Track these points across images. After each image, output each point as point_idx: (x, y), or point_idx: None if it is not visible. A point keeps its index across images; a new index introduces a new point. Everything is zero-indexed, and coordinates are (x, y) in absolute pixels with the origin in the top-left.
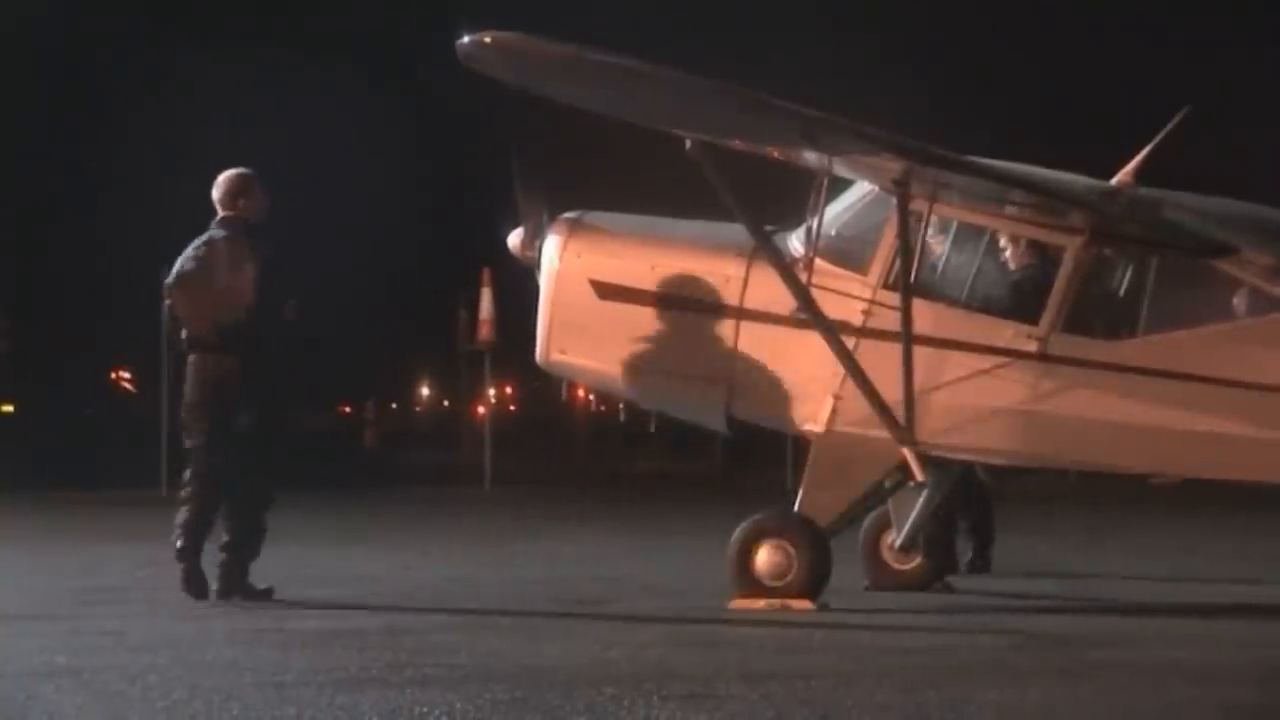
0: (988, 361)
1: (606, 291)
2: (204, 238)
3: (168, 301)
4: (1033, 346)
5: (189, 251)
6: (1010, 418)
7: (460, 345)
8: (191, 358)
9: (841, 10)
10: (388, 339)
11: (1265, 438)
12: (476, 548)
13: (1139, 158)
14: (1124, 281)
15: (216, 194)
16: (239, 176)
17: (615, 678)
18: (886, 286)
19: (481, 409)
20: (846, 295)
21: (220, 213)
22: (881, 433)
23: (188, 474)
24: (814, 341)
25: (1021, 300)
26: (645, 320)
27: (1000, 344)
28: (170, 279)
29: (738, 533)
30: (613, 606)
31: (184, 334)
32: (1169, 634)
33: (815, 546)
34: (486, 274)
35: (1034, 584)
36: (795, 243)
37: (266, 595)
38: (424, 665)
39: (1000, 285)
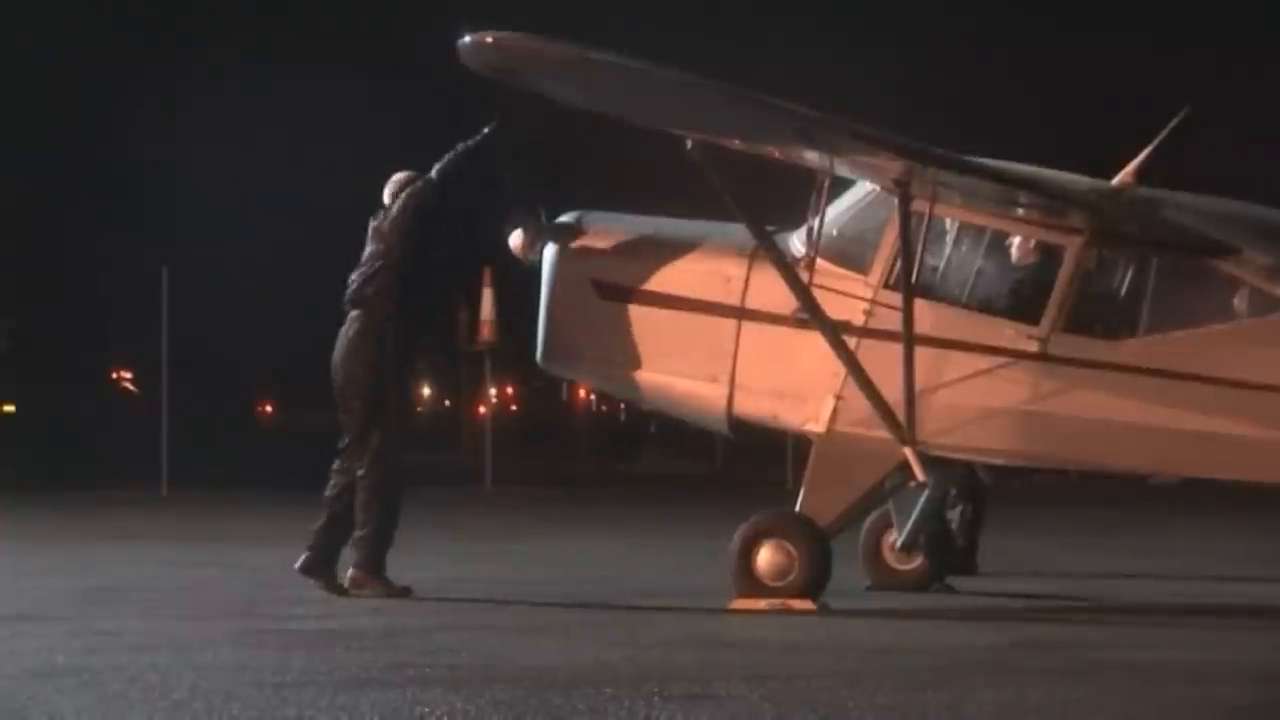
0: (988, 361)
1: (607, 292)
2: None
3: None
4: (1033, 346)
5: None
6: (1011, 418)
7: (461, 345)
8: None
9: (844, 10)
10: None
11: (1265, 438)
12: (476, 548)
13: (1140, 158)
14: (1125, 281)
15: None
16: (393, 180)
17: (616, 678)
18: (888, 286)
19: (482, 409)
20: (848, 295)
21: None
22: (883, 433)
23: (370, 469)
24: (815, 341)
25: (1022, 300)
26: (646, 320)
27: (1001, 344)
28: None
29: (738, 533)
30: (613, 606)
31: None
32: (1169, 634)
33: (816, 547)
34: (488, 274)
35: (1034, 584)
36: (796, 243)
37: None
38: (424, 665)
39: (1001, 285)
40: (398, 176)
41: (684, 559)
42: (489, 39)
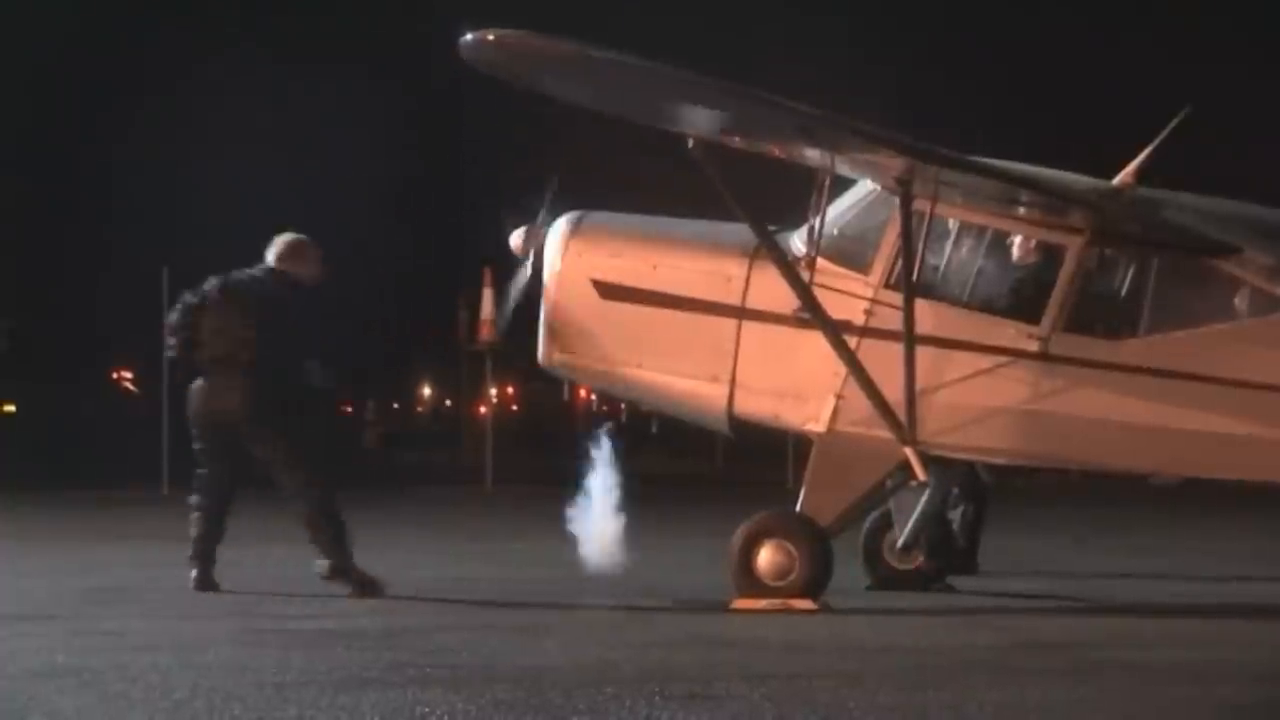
0: (989, 361)
1: (608, 291)
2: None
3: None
4: (1034, 346)
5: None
6: (1012, 417)
7: (462, 345)
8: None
9: (844, 10)
10: (389, 339)
11: (1266, 437)
12: (476, 548)
13: (1140, 157)
14: (1125, 281)
15: (270, 252)
16: (292, 242)
17: (617, 678)
18: (888, 286)
19: (483, 409)
20: (849, 295)
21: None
22: (883, 432)
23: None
24: (816, 341)
25: (1023, 300)
26: (647, 320)
27: (1002, 344)
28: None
29: (739, 532)
30: (614, 606)
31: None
32: (1169, 634)
33: (817, 546)
34: (488, 274)
35: (1034, 584)
36: (797, 242)
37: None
38: (425, 665)
39: (1002, 285)
40: (281, 239)
41: (684, 559)
42: (491, 37)
